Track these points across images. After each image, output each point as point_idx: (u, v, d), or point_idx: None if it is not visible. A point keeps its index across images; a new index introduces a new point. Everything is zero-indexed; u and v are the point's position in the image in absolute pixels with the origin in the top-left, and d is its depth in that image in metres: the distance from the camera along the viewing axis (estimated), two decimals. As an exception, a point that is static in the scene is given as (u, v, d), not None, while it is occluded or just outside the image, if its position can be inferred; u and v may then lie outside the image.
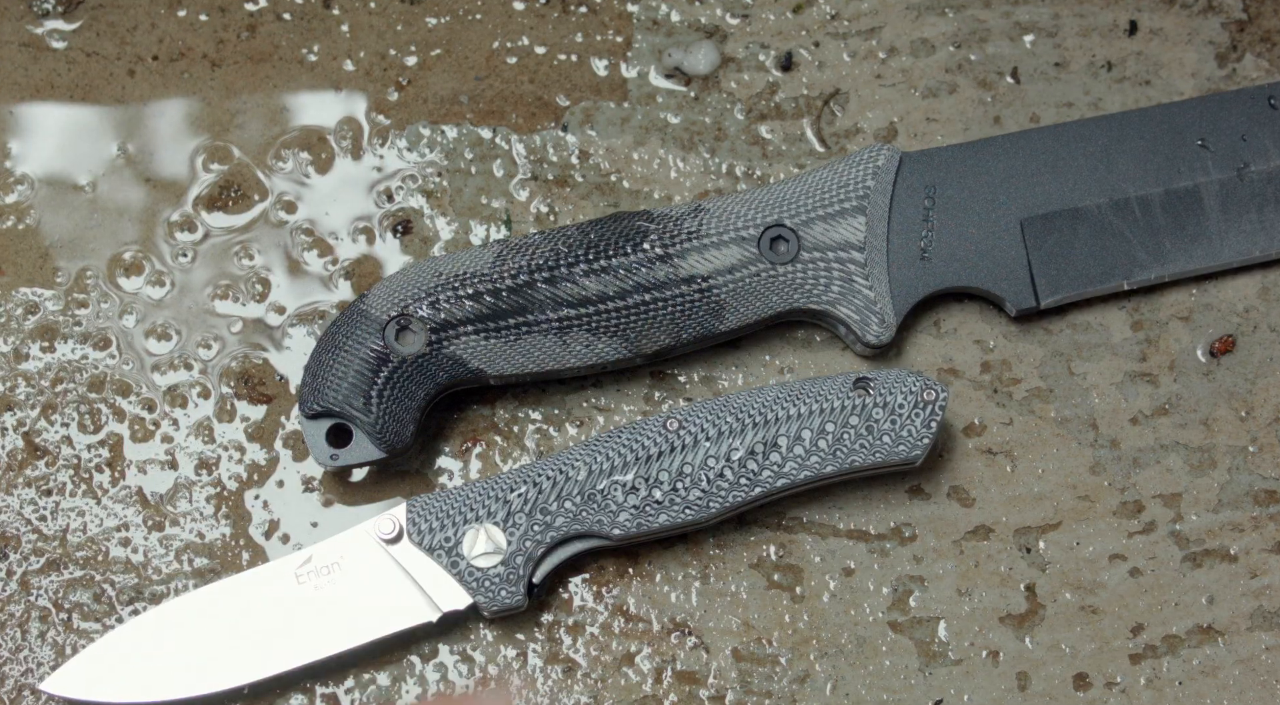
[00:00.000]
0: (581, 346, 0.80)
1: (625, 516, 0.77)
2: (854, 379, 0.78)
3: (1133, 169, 0.84)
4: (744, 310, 0.81)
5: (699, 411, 0.78)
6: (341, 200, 0.86)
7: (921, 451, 0.78)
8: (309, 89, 0.88)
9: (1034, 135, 0.85)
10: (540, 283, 0.79)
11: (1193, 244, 0.84)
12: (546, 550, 0.77)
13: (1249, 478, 0.83)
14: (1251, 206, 0.84)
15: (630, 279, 0.80)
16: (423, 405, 0.80)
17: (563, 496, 0.77)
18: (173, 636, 0.77)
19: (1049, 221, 0.83)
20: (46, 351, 0.84)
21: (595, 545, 0.78)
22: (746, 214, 0.81)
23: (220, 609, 0.77)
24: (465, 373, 0.80)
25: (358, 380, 0.78)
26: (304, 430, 0.79)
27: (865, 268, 0.81)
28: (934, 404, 0.78)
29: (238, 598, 0.77)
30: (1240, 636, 0.81)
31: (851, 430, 0.78)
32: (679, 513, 0.77)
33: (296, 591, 0.77)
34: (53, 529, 0.81)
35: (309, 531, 0.81)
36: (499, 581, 0.77)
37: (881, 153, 0.83)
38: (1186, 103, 0.86)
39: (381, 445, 0.78)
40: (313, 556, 0.78)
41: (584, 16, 0.89)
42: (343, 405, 0.78)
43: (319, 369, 0.79)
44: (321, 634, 0.77)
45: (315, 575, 0.77)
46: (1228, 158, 0.84)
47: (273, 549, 0.81)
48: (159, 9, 0.88)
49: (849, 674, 0.80)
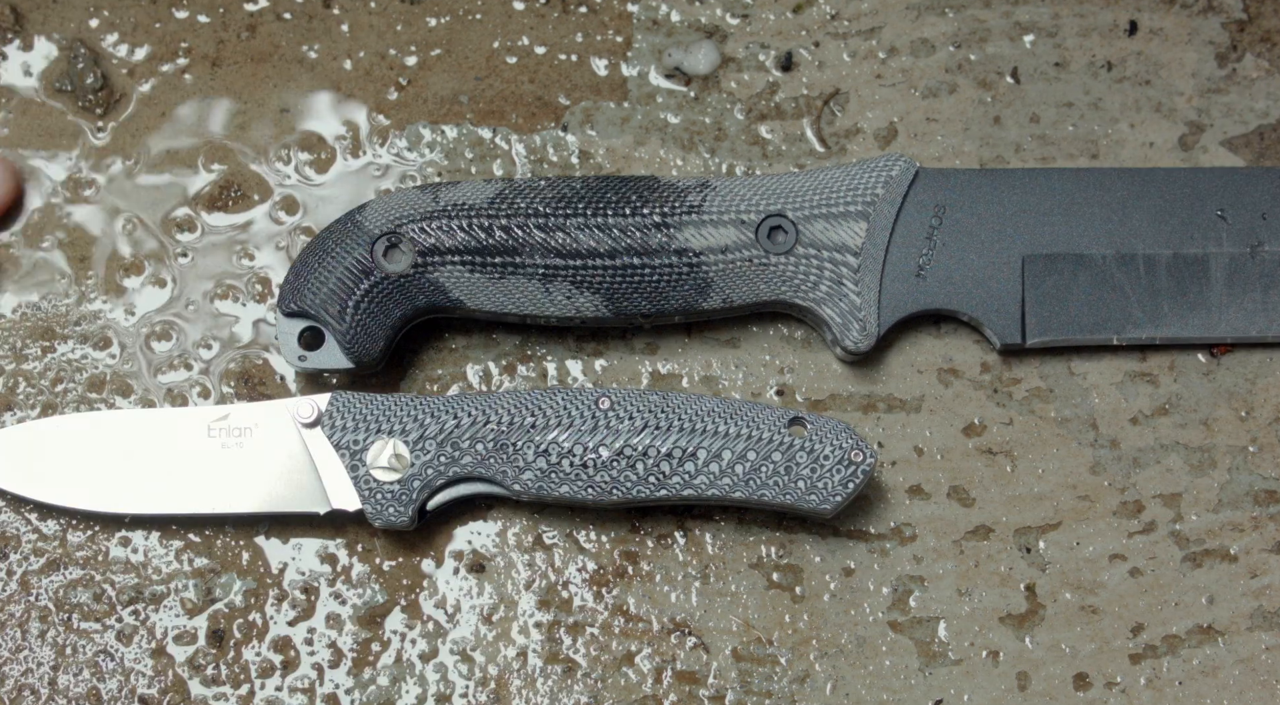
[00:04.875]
0: (563, 297, 0.80)
1: (529, 476, 0.78)
2: (791, 416, 0.78)
3: (1146, 226, 0.83)
4: (730, 292, 0.81)
5: (633, 399, 0.78)
6: (341, 200, 0.86)
7: (832, 507, 0.78)
8: (309, 89, 0.88)
9: (1054, 174, 0.84)
10: (534, 228, 0.80)
11: (1191, 312, 0.83)
12: (447, 483, 0.78)
13: (1249, 478, 0.83)
14: (1258, 286, 0.83)
15: (623, 240, 0.80)
16: (397, 324, 0.80)
17: (477, 438, 0.78)
18: (74, 446, 0.79)
19: (1052, 262, 0.83)
20: (47, 351, 0.84)
21: (495, 492, 0.79)
22: (751, 198, 0.81)
23: (126, 435, 0.79)
24: (445, 301, 0.80)
25: (338, 288, 0.79)
26: (278, 327, 0.80)
27: (857, 273, 0.81)
28: (858, 466, 0.77)
29: (146, 430, 0.79)
30: (1240, 636, 0.81)
31: (770, 465, 0.77)
32: (580, 489, 0.78)
33: (204, 443, 0.79)
34: (53, 529, 0.81)
35: (308, 528, 0.82)
36: (390, 498, 0.78)
37: (897, 163, 0.83)
38: (1213, 171, 0.85)
39: (350, 355, 0.80)
40: (230, 415, 0.79)
41: (584, 16, 0.89)
42: (319, 309, 0.79)
43: (303, 269, 0.80)
44: (213, 490, 0.78)
45: (226, 434, 0.79)
46: (1244, 233, 0.83)
47: (272, 548, 0.81)
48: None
49: (849, 674, 0.80)
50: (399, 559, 0.81)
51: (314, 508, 0.79)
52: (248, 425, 0.79)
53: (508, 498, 0.80)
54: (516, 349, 0.84)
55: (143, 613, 0.80)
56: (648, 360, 0.84)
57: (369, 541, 0.81)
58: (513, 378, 0.84)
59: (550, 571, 0.81)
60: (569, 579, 0.81)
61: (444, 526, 0.82)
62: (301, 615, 0.80)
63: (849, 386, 0.84)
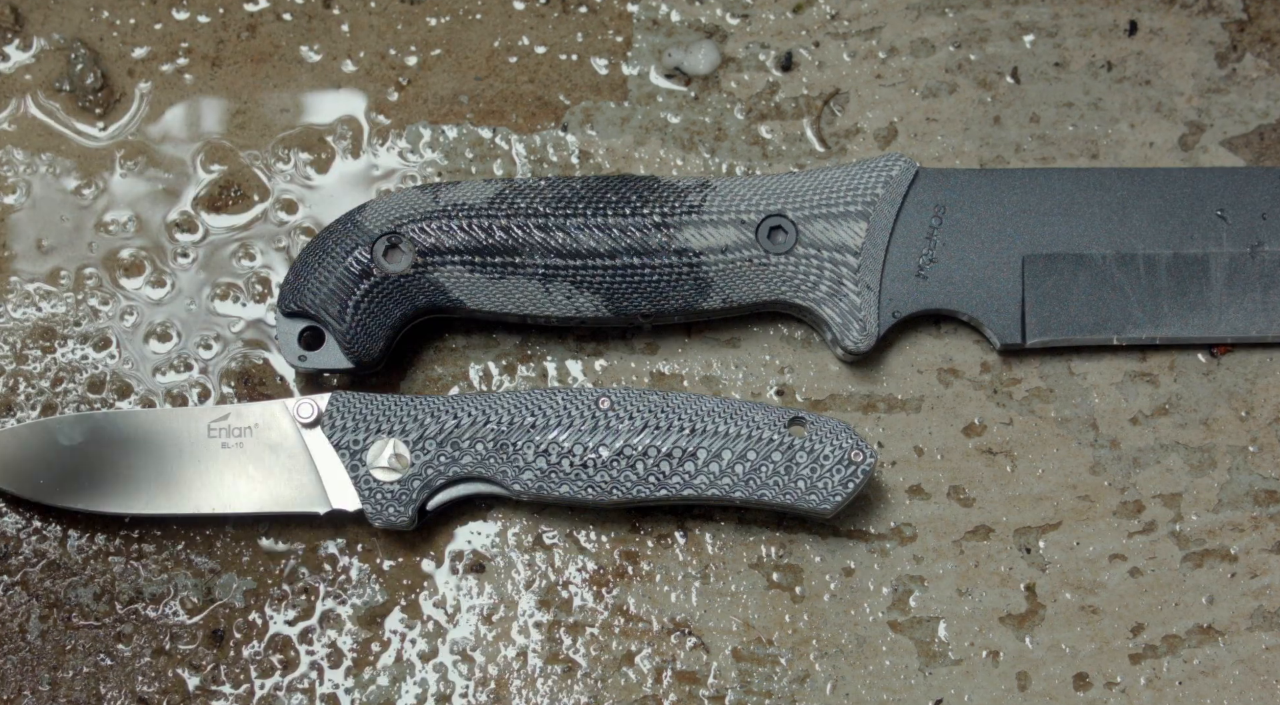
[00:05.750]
0: (563, 297, 0.80)
1: (529, 476, 0.78)
2: (791, 416, 0.78)
3: (1146, 226, 0.83)
4: (730, 292, 0.81)
5: (633, 399, 0.78)
6: (341, 200, 0.86)
7: (832, 507, 0.78)
8: (309, 89, 0.88)
9: (1054, 174, 0.84)
10: (534, 228, 0.80)
11: (1191, 312, 0.83)
12: (447, 483, 0.78)
13: (1249, 478, 0.83)
14: (1258, 286, 0.83)
15: (623, 240, 0.80)
16: (397, 324, 0.80)
17: (477, 437, 0.78)
18: (74, 446, 0.79)
19: (1052, 262, 0.83)
20: (47, 352, 0.84)
21: (495, 492, 0.79)
22: (751, 198, 0.81)
23: (126, 435, 0.79)
24: (445, 301, 0.80)
25: (338, 287, 0.79)
26: (278, 327, 0.80)
27: (857, 273, 0.81)
28: (858, 466, 0.77)
29: (146, 430, 0.79)
30: (1240, 636, 0.81)
31: (770, 465, 0.77)
32: (580, 489, 0.78)
33: (204, 442, 0.78)
34: (53, 529, 0.81)
35: (308, 528, 0.82)
36: (390, 498, 0.78)
37: (898, 163, 0.83)
38: (1213, 171, 0.85)
39: (350, 355, 0.80)
40: (230, 415, 0.79)
41: (584, 16, 0.89)
42: (319, 309, 0.80)
43: (303, 269, 0.80)
44: (213, 490, 0.78)
45: (227, 433, 0.79)
46: (1244, 233, 0.83)
47: (271, 548, 0.81)
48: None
49: (849, 674, 0.80)
50: (399, 559, 0.81)
51: (314, 508, 0.79)
52: (248, 425, 0.79)
53: (508, 498, 0.80)
54: (516, 349, 0.84)
55: (143, 613, 0.80)
56: (648, 360, 0.84)
57: (369, 541, 0.81)
58: (513, 378, 0.84)
59: (550, 571, 0.81)
60: (569, 579, 0.81)
61: (444, 526, 0.82)
62: (301, 615, 0.80)
63: (849, 386, 0.84)
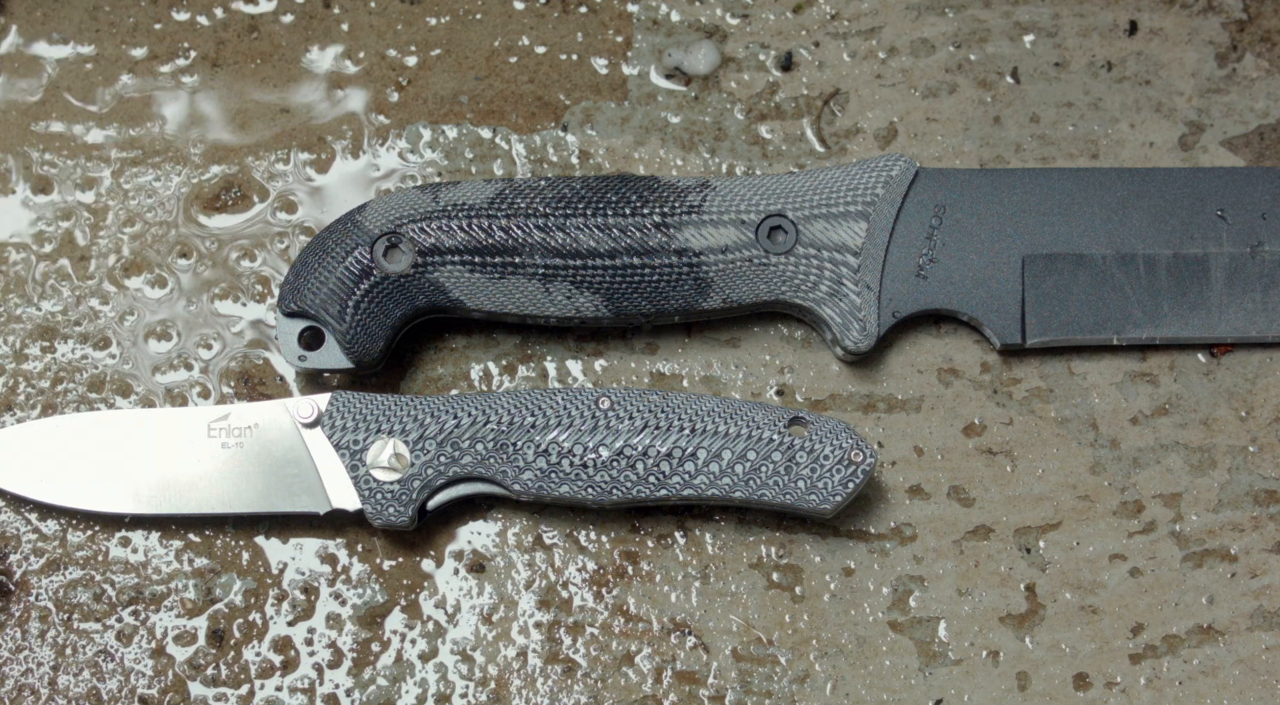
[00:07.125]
0: (563, 297, 0.81)
1: (529, 476, 0.78)
2: (791, 416, 0.78)
3: (1146, 226, 0.83)
4: (730, 292, 0.81)
5: (633, 399, 0.78)
6: (341, 200, 0.86)
7: (832, 507, 0.78)
8: (309, 89, 0.88)
9: (1054, 174, 0.84)
10: (534, 228, 0.80)
11: (1191, 312, 0.83)
12: (447, 483, 0.78)
13: (1249, 478, 0.83)
14: (1258, 286, 0.83)
15: (623, 240, 0.80)
16: (397, 324, 0.81)
17: (477, 437, 0.78)
18: (74, 446, 0.79)
19: (1052, 262, 0.83)
20: (46, 352, 0.84)
21: (495, 492, 0.79)
22: (751, 198, 0.81)
23: (126, 435, 0.79)
24: (445, 301, 0.81)
25: (338, 288, 0.80)
26: (278, 327, 0.80)
27: (858, 273, 0.81)
28: (859, 466, 0.77)
29: (146, 430, 0.79)
30: (1240, 636, 0.81)
31: (770, 464, 0.78)
32: (580, 489, 0.78)
33: (204, 443, 0.79)
34: (53, 529, 0.81)
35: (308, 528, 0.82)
36: (390, 498, 0.78)
37: (897, 163, 0.83)
38: (1213, 171, 0.85)
39: (350, 355, 0.80)
40: (230, 415, 0.79)
41: (584, 16, 0.89)
42: (319, 309, 0.80)
43: (303, 269, 0.80)
44: (213, 490, 0.78)
45: (227, 433, 0.79)
46: (1244, 233, 0.83)
47: (272, 548, 0.81)
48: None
49: (849, 674, 0.80)
50: (399, 559, 0.81)
51: (314, 508, 0.79)
52: (248, 425, 0.79)
53: (508, 498, 0.80)
54: (516, 349, 0.84)
55: (143, 613, 0.80)
56: (648, 360, 0.84)
57: (369, 541, 0.81)
58: (513, 378, 0.84)
59: (550, 571, 0.81)
60: (569, 579, 0.81)
61: (444, 526, 0.82)
62: (301, 615, 0.80)
63: (849, 386, 0.84)
